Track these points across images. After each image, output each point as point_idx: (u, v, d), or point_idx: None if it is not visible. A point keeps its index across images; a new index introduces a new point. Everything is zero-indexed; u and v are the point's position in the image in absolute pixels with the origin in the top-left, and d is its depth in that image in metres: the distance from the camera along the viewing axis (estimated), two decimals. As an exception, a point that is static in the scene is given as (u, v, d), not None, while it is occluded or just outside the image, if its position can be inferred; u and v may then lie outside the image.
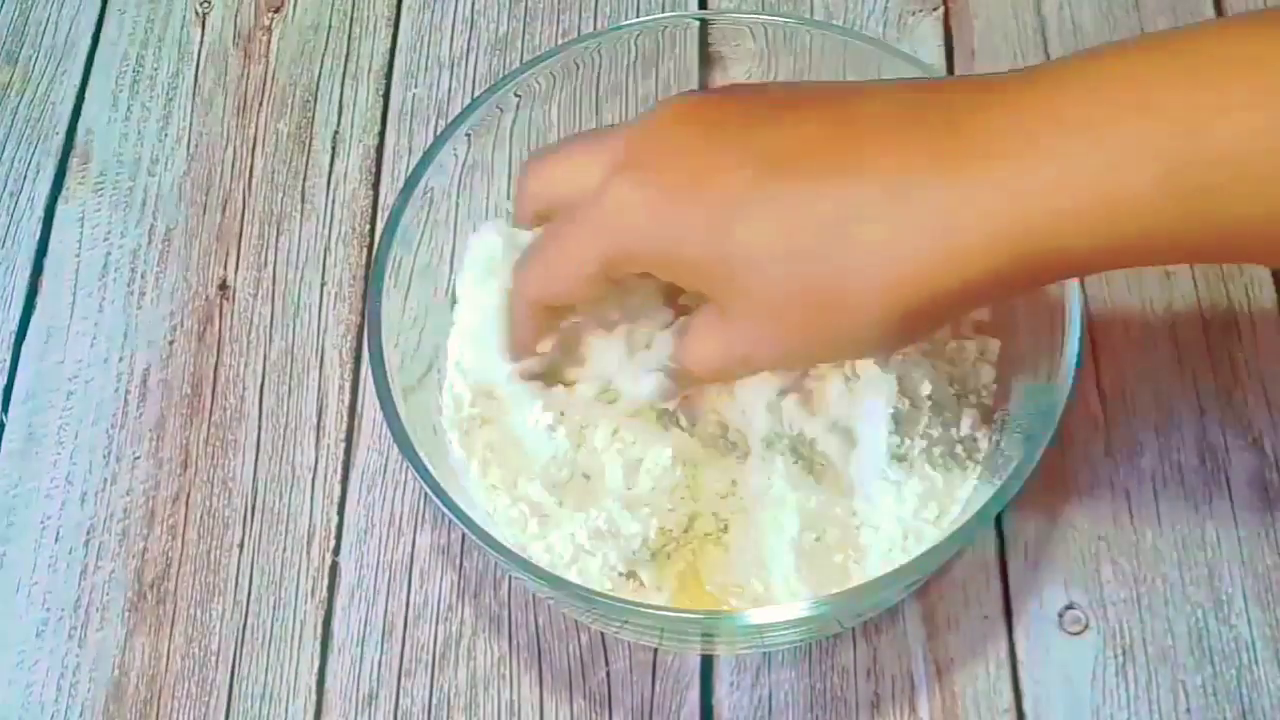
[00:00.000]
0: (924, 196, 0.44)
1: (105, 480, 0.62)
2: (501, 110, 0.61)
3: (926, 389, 0.55)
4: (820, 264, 0.46)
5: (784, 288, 0.47)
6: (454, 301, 0.60)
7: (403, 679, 0.58)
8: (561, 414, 0.55)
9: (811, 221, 0.46)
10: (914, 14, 0.73)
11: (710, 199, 0.47)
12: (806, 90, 0.51)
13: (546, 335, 0.55)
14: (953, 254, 0.44)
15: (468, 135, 0.60)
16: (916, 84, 0.49)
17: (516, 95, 0.61)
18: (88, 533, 0.61)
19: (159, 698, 0.58)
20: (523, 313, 0.54)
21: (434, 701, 0.57)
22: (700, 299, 0.50)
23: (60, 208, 0.70)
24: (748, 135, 0.48)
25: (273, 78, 0.73)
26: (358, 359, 0.65)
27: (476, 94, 0.66)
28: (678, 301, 0.56)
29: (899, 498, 0.54)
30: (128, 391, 0.64)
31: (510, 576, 0.59)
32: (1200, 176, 0.42)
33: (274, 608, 0.59)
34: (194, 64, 0.74)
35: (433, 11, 0.74)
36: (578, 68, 0.62)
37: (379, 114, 0.71)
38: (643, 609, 0.50)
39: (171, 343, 0.66)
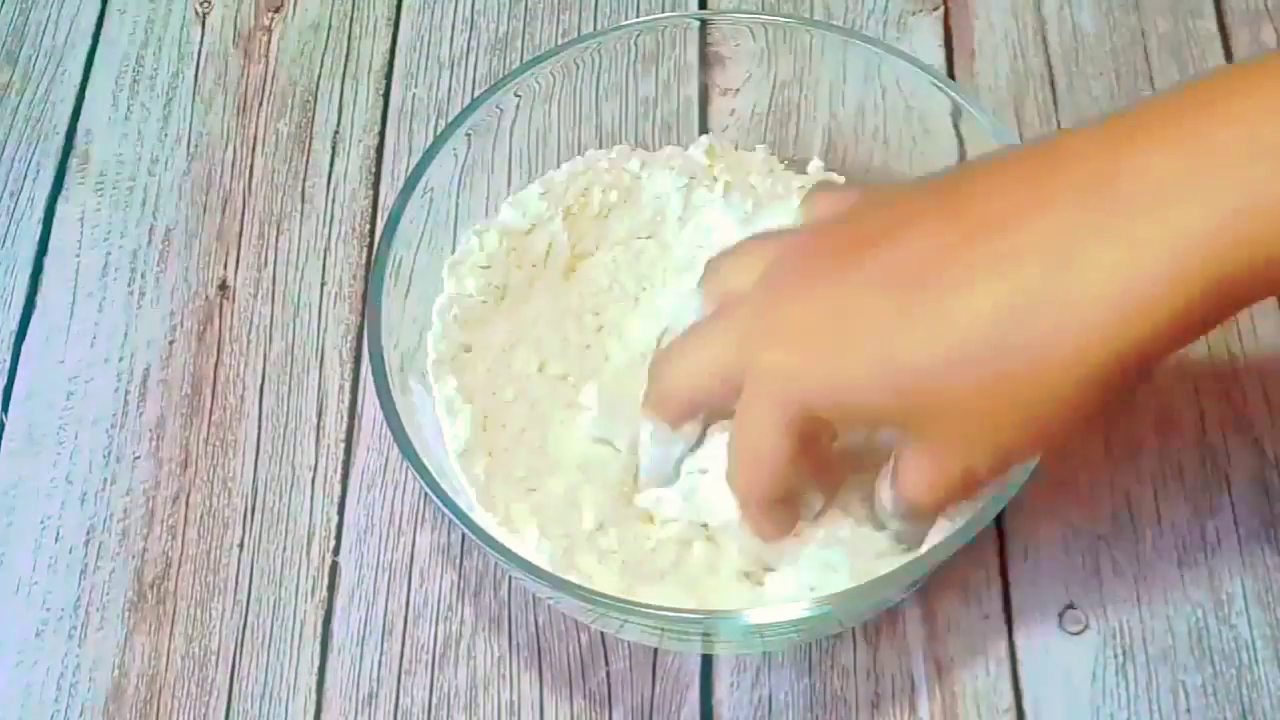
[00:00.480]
0: (1098, 260, 0.42)
1: (105, 480, 0.62)
2: (501, 110, 0.61)
3: None
4: (1009, 354, 0.43)
5: (975, 394, 0.44)
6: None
7: (403, 679, 0.58)
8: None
9: (979, 317, 0.44)
10: (914, 14, 0.73)
11: (861, 341, 0.46)
12: (893, 196, 0.49)
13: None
14: (1149, 307, 0.42)
15: (468, 135, 0.60)
16: (1010, 152, 0.47)
17: (516, 95, 0.61)
18: (88, 533, 0.61)
19: (159, 698, 0.58)
20: (758, 516, 0.52)
21: (434, 701, 0.57)
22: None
23: (60, 208, 0.70)
24: (868, 262, 0.46)
25: (273, 78, 0.73)
26: (358, 359, 0.65)
27: (476, 94, 0.66)
28: None
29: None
30: (128, 391, 0.64)
31: (510, 576, 0.59)
32: None
33: (274, 608, 0.59)
34: (194, 64, 0.74)
35: (433, 11, 0.74)
36: (578, 68, 0.62)
37: (379, 114, 0.71)
38: (643, 609, 0.50)
39: (171, 343, 0.66)
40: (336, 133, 0.71)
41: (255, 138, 0.71)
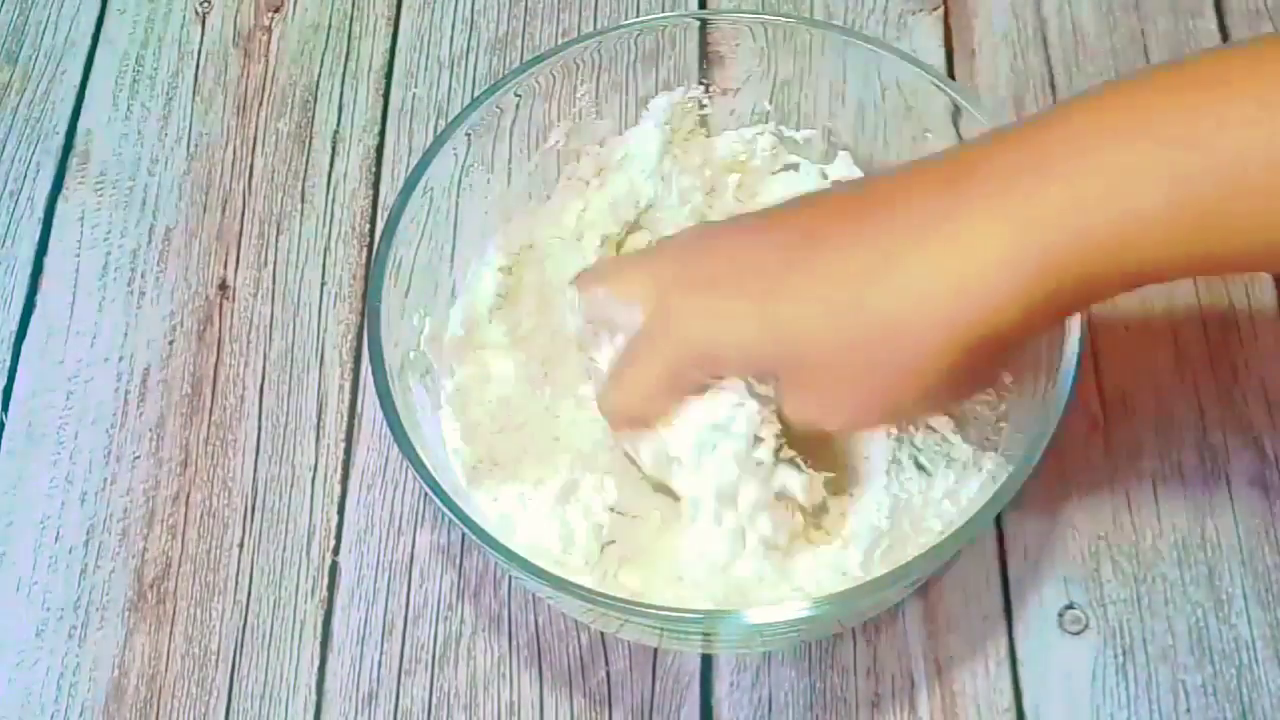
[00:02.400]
0: (945, 233, 0.46)
1: (105, 480, 0.62)
2: (501, 110, 0.61)
3: None
4: (865, 314, 0.47)
5: (835, 347, 0.48)
6: (454, 298, 0.61)
7: (402, 678, 0.58)
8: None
9: (847, 276, 0.48)
10: (914, 14, 0.73)
11: (752, 286, 0.49)
12: (826, 191, 0.55)
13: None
14: (989, 288, 0.45)
15: (468, 135, 0.60)
16: (923, 159, 0.51)
17: (516, 95, 0.61)
18: (88, 532, 0.61)
19: (159, 698, 0.58)
20: (616, 428, 0.56)
21: (434, 701, 0.57)
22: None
23: (60, 207, 0.70)
24: (774, 226, 0.51)
25: (273, 77, 0.73)
26: (358, 359, 0.65)
27: (476, 94, 0.66)
28: None
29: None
30: (128, 391, 0.64)
31: (510, 576, 0.59)
32: (1206, 190, 0.42)
33: (274, 607, 0.59)
34: (194, 64, 0.74)
35: (433, 11, 0.74)
36: (578, 67, 0.62)
37: (379, 114, 0.71)
38: (643, 609, 0.50)
39: (171, 342, 0.66)
40: (336, 132, 0.71)
41: (255, 137, 0.71)
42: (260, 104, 0.72)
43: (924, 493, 0.55)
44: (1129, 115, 0.44)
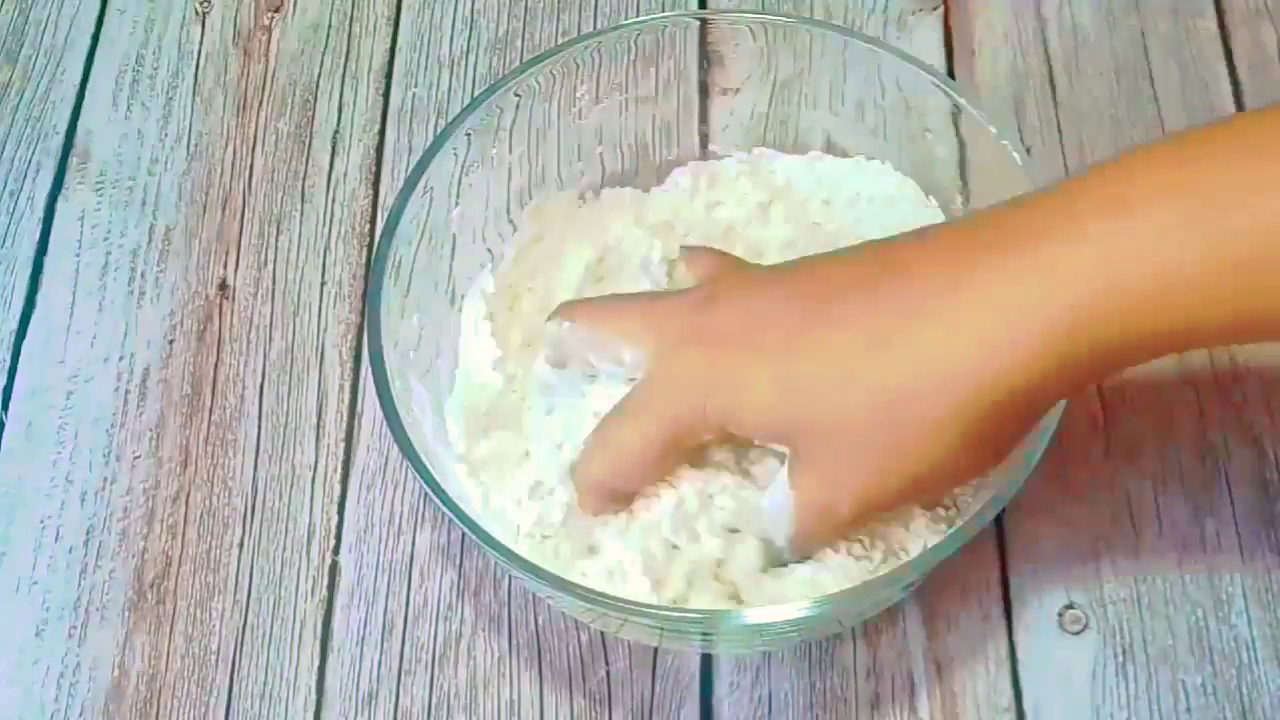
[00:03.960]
0: (972, 286, 0.44)
1: (105, 480, 0.62)
2: (501, 110, 0.61)
3: None
4: (885, 371, 0.46)
5: (853, 406, 0.46)
6: (454, 298, 0.61)
7: (402, 678, 0.58)
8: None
9: (863, 339, 0.46)
10: (914, 14, 0.73)
11: (765, 347, 0.48)
12: (842, 251, 0.52)
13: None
14: (1016, 343, 0.44)
15: (468, 135, 0.60)
16: (944, 222, 0.51)
17: (516, 95, 0.61)
18: (87, 532, 0.61)
19: (159, 698, 0.58)
20: (589, 498, 0.53)
21: (434, 701, 0.57)
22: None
23: (60, 207, 0.70)
24: (791, 285, 0.49)
25: (273, 77, 0.73)
26: (358, 359, 0.65)
27: (476, 93, 0.66)
28: None
29: None
30: (128, 391, 0.64)
31: (510, 576, 0.59)
32: (1244, 251, 0.41)
33: (274, 607, 0.59)
34: (194, 64, 0.74)
35: (433, 11, 0.74)
36: (578, 67, 0.62)
37: (379, 113, 0.71)
38: (643, 609, 0.50)
39: (171, 342, 0.66)
40: (336, 132, 0.71)
41: (255, 137, 0.71)
42: (260, 104, 0.72)
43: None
44: (1162, 177, 0.43)
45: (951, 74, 0.70)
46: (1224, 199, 0.42)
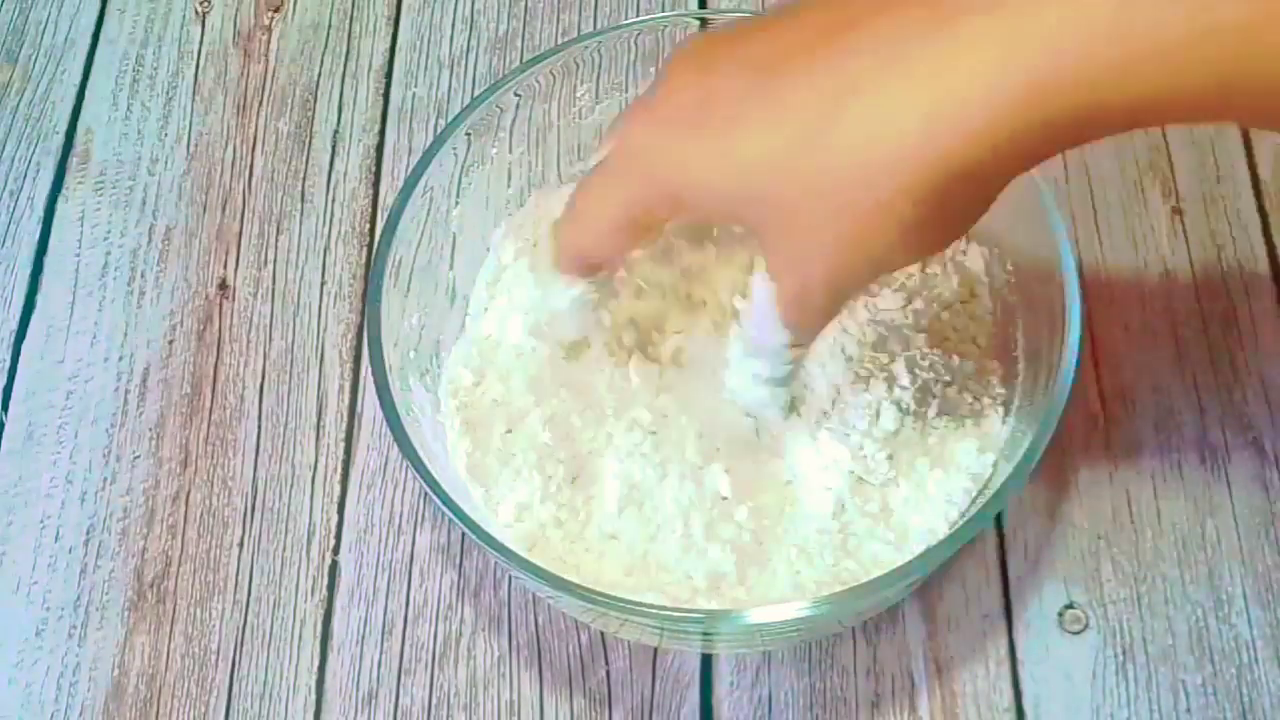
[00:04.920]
0: (922, 55, 0.41)
1: (105, 479, 0.62)
2: (501, 110, 0.61)
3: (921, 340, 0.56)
4: (831, 149, 0.43)
5: (801, 189, 0.44)
6: (454, 298, 0.61)
7: (402, 678, 0.58)
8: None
9: (808, 108, 0.43)
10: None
11: (713, 119, 0.46)
12: (804, 2, 0.48)
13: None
14: (964, 110, 0.41)
15: (468, 134, 0.60)
16: None
17: (516, 95, 0.61)
18: (87, 532, 0.61)
19: (159, 697, 0.58)
20: (564, 268, 0.54)
21: (434, 701, 0.57)
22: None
23: (60, 207, 0.70)
24: (743, 52, 0.46)
25: (273, 77, 0.73)
26: (358, 359, 0.65)
27: (476, 93, 0.66)
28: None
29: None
30: (127, 391, 0.64)
31: (510, 576, 0.59)
32: (1236, 13, 0.38)
33: (274, 607, 0.59)
34: (194, 63, 0.74)
35: (433, 11, 0.74)
36: (578, 67, 0.62)
37: (379, 113, 0.71)
38: (643, 608, 0.50)
39: (171, 342, 0.66)
40: (336, 132, 0.71)
41: (255, 137, 0.71)
42: (260, 103, 0.72)
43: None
44: None
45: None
46: None
